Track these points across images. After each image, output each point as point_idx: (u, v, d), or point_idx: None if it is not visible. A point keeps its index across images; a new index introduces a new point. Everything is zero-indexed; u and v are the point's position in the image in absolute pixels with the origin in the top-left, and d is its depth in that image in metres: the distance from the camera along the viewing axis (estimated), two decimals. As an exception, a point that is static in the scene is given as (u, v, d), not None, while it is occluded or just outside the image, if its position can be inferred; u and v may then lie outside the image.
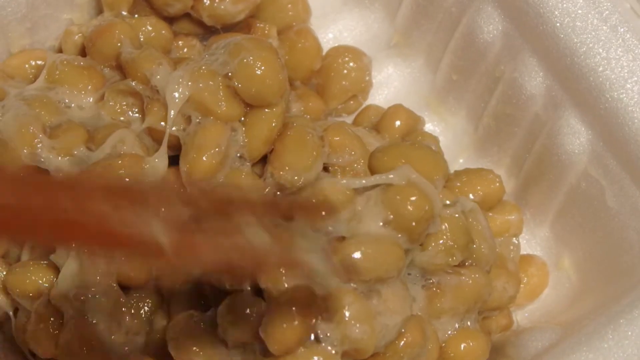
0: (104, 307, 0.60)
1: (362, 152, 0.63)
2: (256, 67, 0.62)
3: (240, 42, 0.63)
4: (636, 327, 0.61)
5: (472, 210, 0.64)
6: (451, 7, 0.72)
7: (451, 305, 0.62)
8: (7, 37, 0.69)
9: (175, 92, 0.62)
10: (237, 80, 0.62)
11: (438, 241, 0.62)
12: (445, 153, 0.69)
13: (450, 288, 0.62)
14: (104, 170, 0.59)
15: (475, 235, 0.64)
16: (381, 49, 0.76)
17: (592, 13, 0.65)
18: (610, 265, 0.67)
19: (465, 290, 0.62)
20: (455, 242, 0.62)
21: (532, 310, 0.70)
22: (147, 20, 0.68)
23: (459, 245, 0.62)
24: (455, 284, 0.62)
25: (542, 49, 0.67)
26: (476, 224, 0.64)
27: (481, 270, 0.63)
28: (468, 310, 0.63)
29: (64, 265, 0.61)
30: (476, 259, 0.63)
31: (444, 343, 0.62)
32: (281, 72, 0.63)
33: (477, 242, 0.64)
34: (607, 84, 0.64)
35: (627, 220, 0.66)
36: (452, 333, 0.63)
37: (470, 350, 0.63)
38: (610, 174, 0.66)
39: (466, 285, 0.62)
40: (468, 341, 0.63)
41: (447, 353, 0.63)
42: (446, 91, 0.74)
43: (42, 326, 0.61)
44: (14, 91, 0.65)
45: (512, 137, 0.71)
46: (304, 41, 0.72)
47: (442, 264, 0.62)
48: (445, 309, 0.62)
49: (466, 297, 0.62)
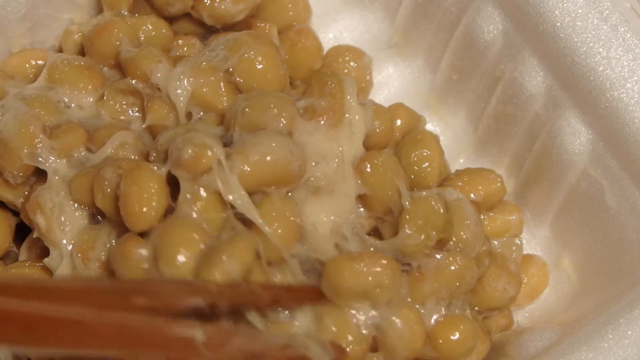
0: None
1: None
2: (257, 62, 0.63)
3: (240, 37, 0.63)
4: (636, 327, 0.61)
5: (458, 199, 0.64)
6: (451, 7, 0.72)
7: (433, 288, 0.61)
8: (8, 37, 0.69)
9: (178, 88, 0.62)
10: (238, 75, 0.62)
11: (410, 223, 0.61)
12: (446, 153, 0.69)
13: (430, 271, 0.61)
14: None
15: (458, 221, 0.63)
16: (381, 49, 0.76)
17: (593, 12, 0.65)
18: (610, 265, 0.67)
19: (446, 272, 0.61)
20: (428, 222, 0.61)
21: (532, 310, 0.70)
22: (147, 19, 0.68)
23: (434, 226, 0.61)
24: (435, 266, 0.61)
25: (542, 49, 0.67)
26: (460, 211, 0.63)
27: (463, 254, 0.62)
28: (452, 295, 0.62)
29: (57, 268, 0.61)
30: (458, 244, 0.63)
31: (431, 329, 0.61)
32: (282, 66, 0.63)
33: (459, 227, 0.63)
34: (607, 83, 0.64)
35: (626, 220, 0.66)
36: (439, 319, 0.62)
37: (458, 336, 0.61)
38: (610, 173, 0.66)
39: (446, 267, 0.61)
40: (455, 327, 0.61)
41: (435, 339, 0.61)
42: (446, 91, 0.74)
43: None
44: (13, 90, 0.65)
45: (512, 137, 0.71)
46: (305, 40, 0.72)
47: (418, 244, 0.61)
48: (428, 293, 0.61)
49: (448, 280, 0.61)
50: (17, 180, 0.63)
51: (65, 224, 0.61)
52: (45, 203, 0.61)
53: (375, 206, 0.63)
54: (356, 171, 0.62)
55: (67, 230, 0.61)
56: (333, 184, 0.61)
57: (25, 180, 0.63)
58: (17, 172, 0.62)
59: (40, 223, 0.61)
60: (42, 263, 0.62)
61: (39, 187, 0.62)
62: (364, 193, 0.62)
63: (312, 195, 0.60)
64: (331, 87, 0.62)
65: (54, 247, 0.62)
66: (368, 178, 0.62)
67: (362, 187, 0.62)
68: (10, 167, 0.62)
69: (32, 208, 0.62)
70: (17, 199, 0.64)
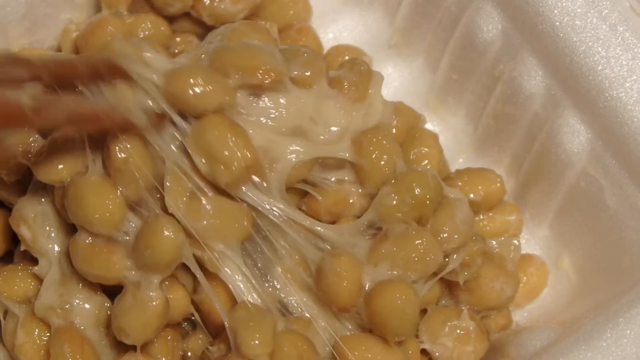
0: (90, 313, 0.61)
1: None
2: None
3: (237, 27, 0.63)
4: (635, 326, 0.60)
5: (459, 199, 0.63)
6: (450, 7, 0.72)
7: (389, 251, 0.61)
8: (7, 37, 0.69)
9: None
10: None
11: (393, 186, 0.62)
12: (445, 153, 0.69)
13: (394, 235, 0.61)
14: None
15: (447, 213, 0.63)
16: (381, 49, 0.76)
17: (592, 12, 0.65)
18: (609, 265, 0.67)
19: (408, 241, 0.61)
20: (410, 190, 0.61)
21: (531, 309, 0.70)
22: (146, 17, 0.68)
23: (414, 195, 0.61)
24: (400, 232, 0.61)
25: (542, 48, 0.67)
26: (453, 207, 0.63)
27: (434, 237, 0.62)
28: (407, 266, 0.61)
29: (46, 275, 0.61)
30: (436, 232, 0.62)
31: (371, 287, 0.61)
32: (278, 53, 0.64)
33: (444, 218, 0.62)
34: (606, 82, 0.64)
35: (626, 219, 0.65)
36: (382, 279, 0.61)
37: (394, 297, 0.60)
38: (610, 173, 0.66)
39: (410, 237, 0.61)
40: (395, 288, 0.60)
41: (371, 295, 0.60)
42: (446, 91, 0.74)
43: (29, 339, 0.61)
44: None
45: (512, 137, 0.71)
46: (305, 40, 0.72)
47: (391, 205, 0.61)
48: (383, 254, 0.61)
49: (407, 249, 0.61)
50: (11, 179, 0.62)
51: (50, 231, 0.61)
52: (28, 214, 0.61)
53: (368, 180, 0.63)
54: (354, 143, 0.63)
55: (53, 235, 0.61)
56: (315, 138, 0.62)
57: (21, 179, 0.63)
58: (12, 170, 0.62)
59: (25, 235, 0.61)
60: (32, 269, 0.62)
61: (19, 200, 0.62)
62: (357, 163, 0.62)
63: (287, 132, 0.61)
64: (362, 69, 0.64)
65: (41, 256, 0.62)
66: (365, 148, 0.63)
67: (358, 158, 0.62)
68: (4, 164, 0.62)
69: (15, 221, 0.62)
70: (12, 197, 0.63)
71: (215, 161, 0.58)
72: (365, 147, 0.63)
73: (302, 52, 0.62)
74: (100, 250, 0.59)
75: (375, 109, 0.64)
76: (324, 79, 0.62)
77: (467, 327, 0.64)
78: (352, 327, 0.62)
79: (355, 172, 0.63)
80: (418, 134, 0.67)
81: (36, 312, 0.61)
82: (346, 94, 0.63)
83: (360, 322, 0.61)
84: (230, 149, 0.58)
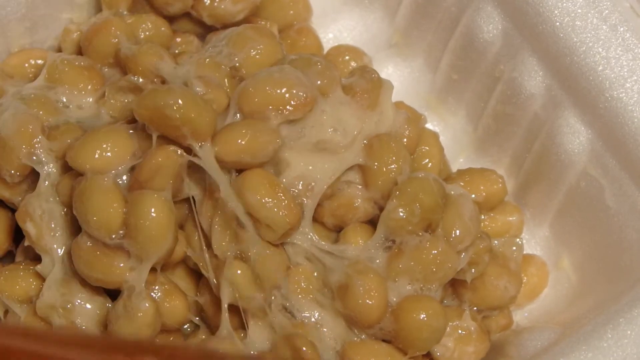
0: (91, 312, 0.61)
1: None
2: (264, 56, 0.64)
3: (243, 32, 0.64)
4: (635, 326, 0.61)
5: (461, 195, 0.64)
6: (451, 7, 0.72)
7: (408, 266, 0.61)
8: (7, 37, 0.69)
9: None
10: (246, 70, 0.63)
11: (399, 198, 0.61)
12: (446, 152, 0.69)
13: (409, 248, 0.61)
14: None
15: (453, 213, 0.63)
16: (381, 49, 0.76)
17: (592, 12, 0.65)
18: (610, 265, 0.67)
19: (424, 253, 0.61)
20: (417, 199, 0.61)
21: (532, 309, 0.70)
22: (146, 18, 0.68)
23: (422, 204, 0.61)
24: (415, 245, 0.61)
25: (542, 49, 0.67)
26: (458, 205, 0.63)
27: (448, 242, 0.62)
28: (427, 279, 0.62)
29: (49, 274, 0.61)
30: (447, 233, 0.62)
31: (397, 303, 0.61)
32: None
33: (452, 219, 0.62)
34: (606, 83, 0.65)
35: (626, 219, 0.66)
36: (407, 295, 0.61)
37: (423, 316, 0.60)
38: (610, 173, 0.66)
39: (426, 249, 0.61)
40: (422, 306, 0.61)
41: (399, 312, 0.61)
42: (446, 91, 0.74)
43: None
44: (11, 89, 0.65)
45: (512, 137, 0.71)
46: (305, 39, 0.72)
47: (401, 219, 0.61)
48: (402, 269, 0.61)
49: (424, 262, 0.61)
50: (14, 180, 0.62)
51: (55, 230, 0.62)
52: (35, 210, 0.61)
53: (374, 182, 0.63)
54: (365, 146, 0.63)
55: (58, 235, 0.62)
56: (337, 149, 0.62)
57: (23, 179, 0.63)
58: (15, 172, 0.62)
59: (31, 231, 0.62)
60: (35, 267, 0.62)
61: (27, 196, 0.62)
62: (366, 165, 0.63)
63: (313, 149, 0.62)
64: (373, 77, 0.64)
65: (45, 254, 0.62)
66: (376, 150, 0.63)
67: (366, 159, 0.63)
68: (8, 165, 0.62)
69: (22, 217, 0.62)
70: (15, 197, 0.63)
71: (258, 223, 0.59)
72: (376, 149, 0.63)
73: (315, 61, 0.63)
74: (101, 254, 0.59)
75: (386, 116, 0.64)
76: (339, 86, 0.63)
77: (468, 327, 0.64)
78: (358, 331, 0.62)
79: (363, 174, 0.63)
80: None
81: (38, 311, 0.61)
82: (359, 101, 0.63)
83: (373, 332, 0.62)
84: (274, 213, 0.59)
